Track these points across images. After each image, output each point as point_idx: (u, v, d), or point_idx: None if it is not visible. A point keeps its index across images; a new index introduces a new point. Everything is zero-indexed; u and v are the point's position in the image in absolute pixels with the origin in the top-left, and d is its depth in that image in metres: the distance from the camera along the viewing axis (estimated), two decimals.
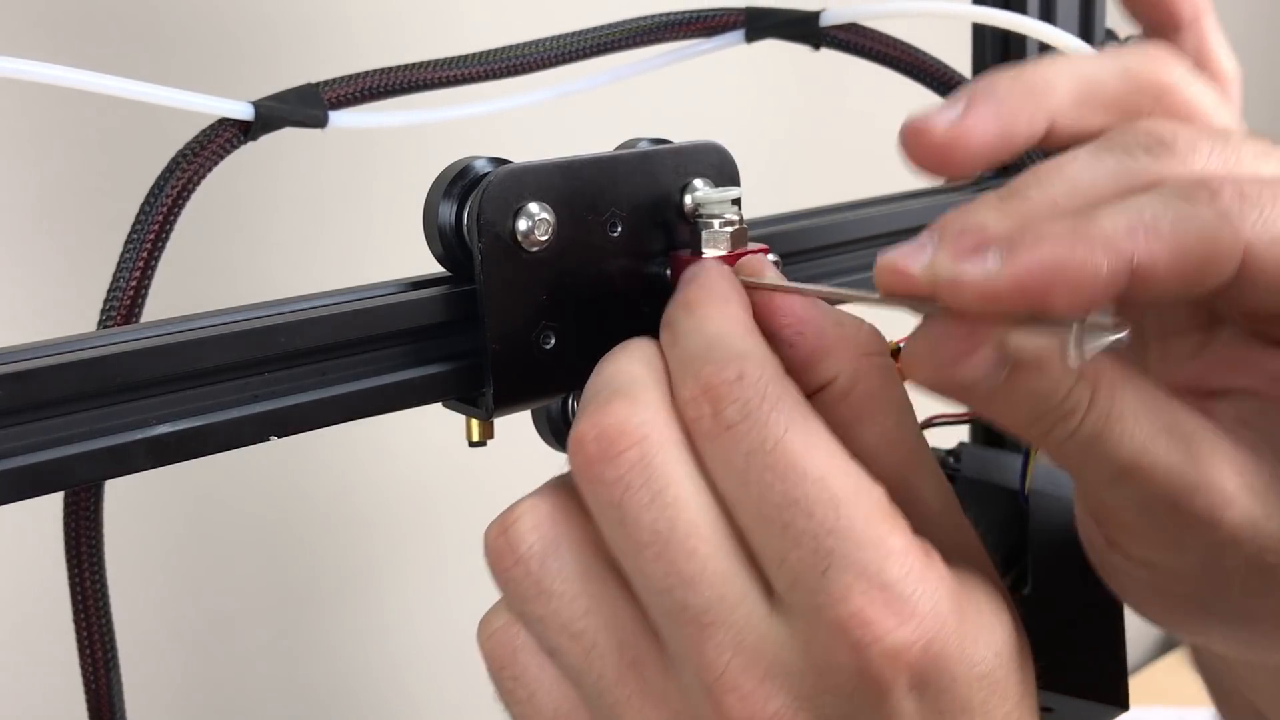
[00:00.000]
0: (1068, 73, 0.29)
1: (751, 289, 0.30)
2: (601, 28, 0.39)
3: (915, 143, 0.28)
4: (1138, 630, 0.25)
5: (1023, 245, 0.24)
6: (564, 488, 0.29)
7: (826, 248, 0.39)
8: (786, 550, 0.25)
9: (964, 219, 0.26)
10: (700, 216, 0.33)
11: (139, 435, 0.28)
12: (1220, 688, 0.37)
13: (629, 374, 0.28)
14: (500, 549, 0.28)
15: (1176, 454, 0.26)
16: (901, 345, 0.35)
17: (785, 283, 0.30)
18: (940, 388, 0.26)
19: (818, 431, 0.26)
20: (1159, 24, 0.40)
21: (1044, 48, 0.47)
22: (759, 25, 0.41)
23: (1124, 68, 0.30)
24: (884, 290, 0.26)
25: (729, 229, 0.33)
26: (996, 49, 0.48)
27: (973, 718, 0.25)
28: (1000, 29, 0.44)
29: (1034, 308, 0.24)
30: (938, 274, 0.25)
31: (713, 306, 0.29)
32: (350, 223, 0.65)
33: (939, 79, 0.42)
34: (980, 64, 0.49)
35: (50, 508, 0.31)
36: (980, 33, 0.49)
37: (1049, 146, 0.29)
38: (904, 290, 0.26)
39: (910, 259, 0.25)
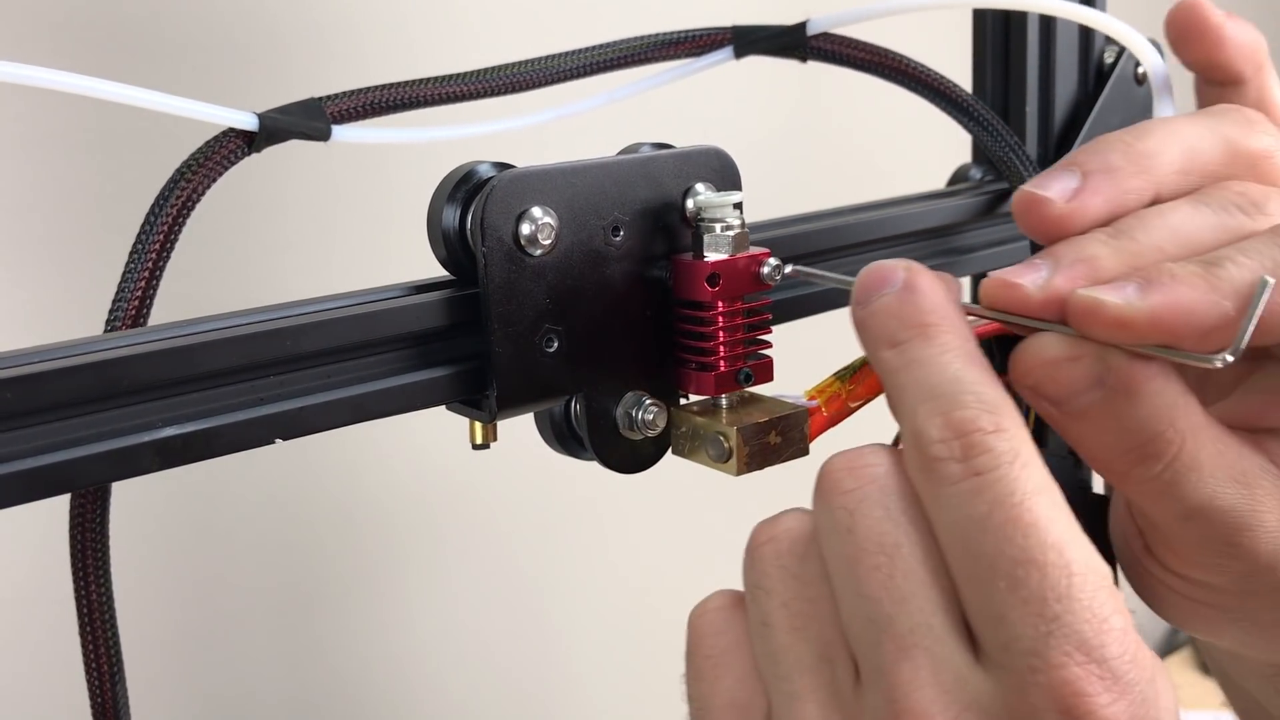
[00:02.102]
0: (1174, 143, 0.31)
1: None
2: (595, 48, 0.40)
3: (1029, 214, 0.30)
4: (1140, 632, 0.26)
5: (1159, 284, 0.27)
6: (807, 513, 0.30)
7: (828, 251, 0.39)
8: (1009, 608, 0.25)
9: (1078, 250, 0.29)
10: (702, 220, 0.33)
11: (146, 438, 0.28)
12: (1225, 676, 0.40)
13: None
14: (762, 538, 0.30)
15: (1240, 498, 0.29)
16: None
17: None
18: (1042, 392, 0.29)
19: (1059, 499, 0.26)
20: (1219, 79, 0.41)
21: (1044, 39, 0.47)
22: (745, 41, 0.42)
23: (1225, 138, 0.32)
24: (988, 303, 0.29)
25: (731, 233, 0.33)
26: (998, 39, 0.48)
27: None
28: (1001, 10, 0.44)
29: (1159, 341, 0.27)
30: (1073, 299, 0.27)
31: (954, 340, 0.28)
32: (353, 227, 0.65)
33: (927, 84, 0.42)
34: (981, 57, 0.49)
35: (56, 512, 0.32)
36: (981, 23, 0.49)
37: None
38: (1014, 306, 0.28)
39: (1024, 276, 0.28)
